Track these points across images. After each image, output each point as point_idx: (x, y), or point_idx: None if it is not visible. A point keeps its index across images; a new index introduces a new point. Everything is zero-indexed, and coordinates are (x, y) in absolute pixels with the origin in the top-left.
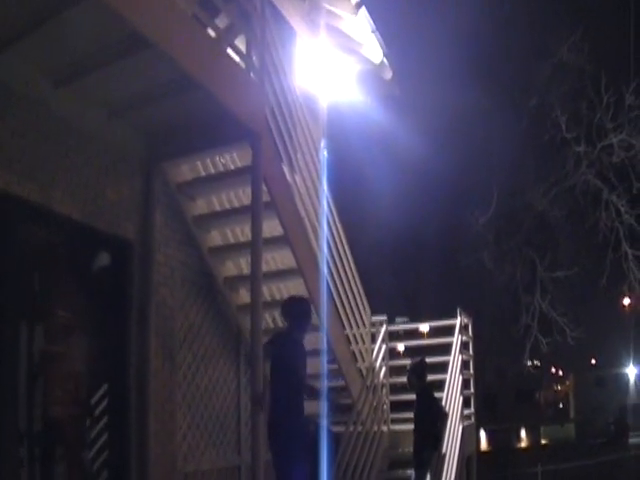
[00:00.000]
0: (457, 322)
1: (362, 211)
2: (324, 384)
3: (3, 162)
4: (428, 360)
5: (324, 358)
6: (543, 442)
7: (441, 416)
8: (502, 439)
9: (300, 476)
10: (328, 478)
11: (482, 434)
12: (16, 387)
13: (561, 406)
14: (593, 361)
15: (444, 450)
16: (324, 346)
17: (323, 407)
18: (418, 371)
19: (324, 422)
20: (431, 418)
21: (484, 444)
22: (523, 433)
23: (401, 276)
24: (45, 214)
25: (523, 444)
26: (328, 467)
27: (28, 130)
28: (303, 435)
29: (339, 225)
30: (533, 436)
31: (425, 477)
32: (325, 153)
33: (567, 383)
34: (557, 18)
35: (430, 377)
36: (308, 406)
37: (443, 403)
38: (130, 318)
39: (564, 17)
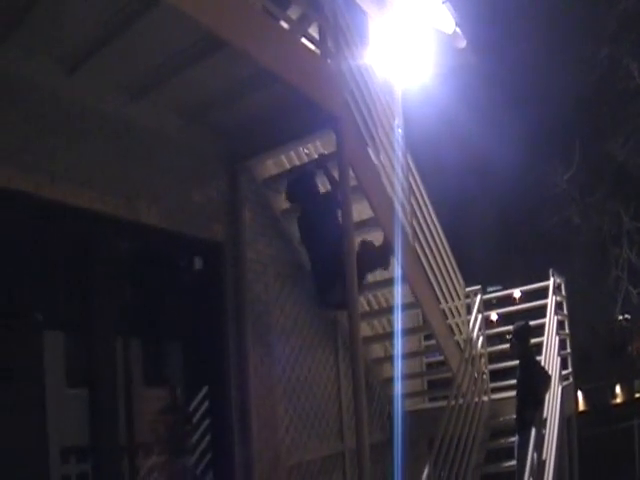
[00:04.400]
0: (550, 283)
1: (442, 183)
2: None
3: (84, 179)
4: None
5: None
6: (638, 395)
7: (545, 379)
8: (597, 397)
9: None
10: None
11: (578, 394)
12: (114, 400)
13: None
14: None
15: (545, 413)
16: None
17: None
18: (521, 335)
19: None
20: (534, 382)
21: (581, 403)
22: (618, 389)
23: (489, 245)
24: (132, 227)
25: (618, 399)
26: None
27: (108, 145)
28: None
29: (427, 201)
30: (628, 390)
31: (529, 439)
32: (400, 130)
33: None
34: None
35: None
36: None
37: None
38: (226, 318)
39: None
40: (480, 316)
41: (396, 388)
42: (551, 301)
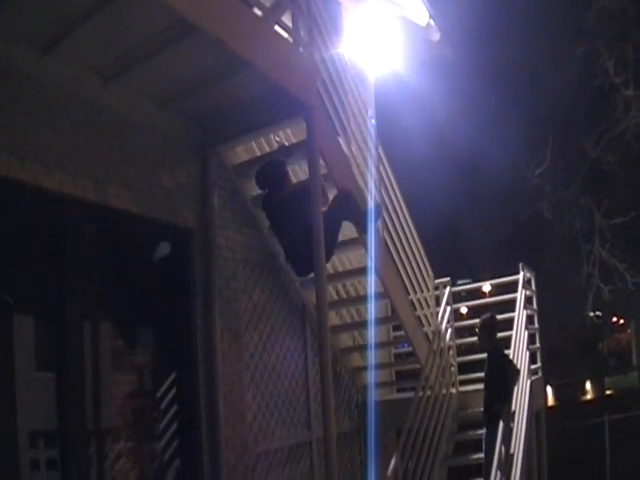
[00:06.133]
0: (520, 277)
1: (414, 176)
2: None
3: (54, 162)
4: None
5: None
6: (608, 392)
7: (513, 373)
8: (568, 393)
9: None
10: None
11: (548, 389)
12: (82, 384)
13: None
14: None
15: (514, 407)
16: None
17: None
18: (487, 326)
19: None
20: (502, 376)
21: (550, 399)
22: (588, 385)
23: (459, 238)
24: (101, 210)
25: (589, 396)
26: None
27: (80, 128)
28: None
29: (398, 193)
30: (598, 387)
31: (497, 433)
32: (373, 121)
33: (628, 331)
34: None
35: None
36: None
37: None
38: (195, 304)
39: None
40: (449, 308)
41: (365, 378)
42: (520, 295)
